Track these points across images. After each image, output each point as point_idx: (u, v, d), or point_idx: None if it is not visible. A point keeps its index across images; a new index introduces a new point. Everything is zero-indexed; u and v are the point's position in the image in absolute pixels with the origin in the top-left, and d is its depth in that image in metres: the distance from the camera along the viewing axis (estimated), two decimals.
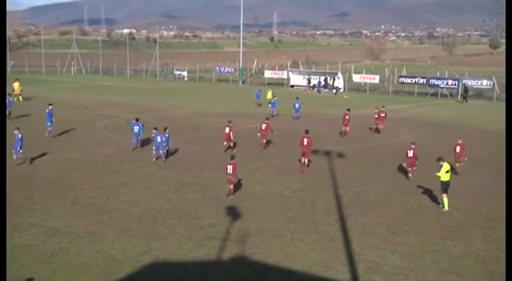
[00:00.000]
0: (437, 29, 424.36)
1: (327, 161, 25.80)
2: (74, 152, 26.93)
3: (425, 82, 61.46)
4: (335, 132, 33.87)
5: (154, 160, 24.98)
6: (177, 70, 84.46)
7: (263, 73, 77.70)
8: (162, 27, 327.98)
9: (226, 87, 70.99)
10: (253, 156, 26.79)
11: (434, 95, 60.68)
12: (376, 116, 33.87)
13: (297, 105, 39.05)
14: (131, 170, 23.37)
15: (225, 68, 79.67)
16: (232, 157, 20.04)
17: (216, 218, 17.29)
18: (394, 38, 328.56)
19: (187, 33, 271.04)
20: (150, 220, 16.97)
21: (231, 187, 19.64)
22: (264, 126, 28.68)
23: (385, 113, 34.20)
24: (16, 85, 47.59)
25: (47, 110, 30.43)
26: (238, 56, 79.35)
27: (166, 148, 25.26)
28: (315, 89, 66.08)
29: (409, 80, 63.37)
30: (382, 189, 21.08)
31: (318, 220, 17.38)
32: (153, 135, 25.39)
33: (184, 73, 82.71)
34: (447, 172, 18.56)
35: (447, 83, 59.81)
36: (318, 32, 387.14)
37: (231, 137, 27.45)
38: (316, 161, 25.79)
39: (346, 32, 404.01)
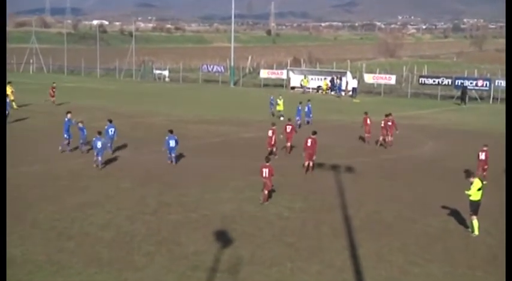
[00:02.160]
0: (465, 20, 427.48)
1: (334, 177, 25.88)
2: (33, 165, 26.90)
3: (450, 83, 61.91)
4: (342, 142, 34.03)
5: (95, 166, 26.56)
6: (156, 69, 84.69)
7: (258, 73, 78.02)
8: (139, 18, 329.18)
9: (215, 89, 71.16)
10: (248, 170, 26.82)
11: (461, 98, 61.00)
12: (382, 125, 33.40)
13: (306, 109, 39.52)
14: (102, 187, 23.35)
15: (213, 67, 79.95)
16: (268, 159, 21.89)
17: (202, 244, 17.29)
18: (413, 31, 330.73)
19: (168, 26, 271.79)
20: (124, 247, 16.96)
21: (266, 192, 21.32)
22: (288, 128, 30.52)
23: (393, 121, 33.41)
24: (8, 90, 47.14)
25: (66, 119, 30.49)
26: (229, 53, 79.62)
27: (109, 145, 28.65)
28: (320, 91, 66.36)
29: (431, 81, 63.89)
30: (399, 209, 21.15)
31: (323, 246, 17.40)
32: (94, 139, 26.94)
33: (166, 73, 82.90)
34: (479, 189, 18.63)
35: (476, 84, 60.29)
36: (323, 24, 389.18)
37: (274, 141, 29.40)
38: (321, 176, 25.88)
39: (356, 24, 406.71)
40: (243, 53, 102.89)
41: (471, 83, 60.40)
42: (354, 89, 63.87)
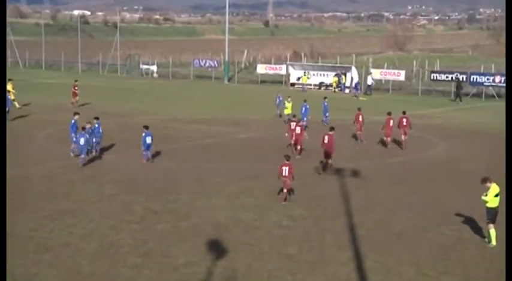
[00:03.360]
0: (481, 10, 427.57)
1: (338, 181, 25.92)
2: (11, 169, 26.81)
3: (465, 79, 61.92)
4: (347, 143, 34.06)
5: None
6: (144, 64, 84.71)
7: (255, 68, 78.04)
8: (124, 8, 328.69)
9: (207, 86, 71.21)
10: (244, 174, 26.88)
11: (477, 95, 61.15)
12: (390, 123, 33.59)
13: (303, 110, 39.21)
14: (83, 193, 23.36)
15: (206, 62, 80.00)
16: (288, 157, 22.98)
17: (193, 255, 17.31)
18: (424, 22, 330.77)
19: (156, 16, 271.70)
20: (108, 259, 16.96)
21: (285, 191, 22.36)
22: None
23: (407, 119, 33.95)
24: (9, 87, 47.10)
25: (73, 121, 30.34)
26: (223, 46, 79.64)
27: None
28: (333, 88, 65.42)
29: (444, 77, 63.95)
30: (409, 217, 21.20)
31: (327, 257, 17.43)
32: (78, 136, 28.43)
33: (154, 68, 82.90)
34: (496, 195, 18.65)
35: (494, 80, 60.35)
36: (325, 15, 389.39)
37: (302, 138, 30.27)
38: (323, 181, 25.92)
39: (362, 15, 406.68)
40: (239, 46, 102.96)
41: (488, 79, 60.49)
42: (368, 87, 63.73)
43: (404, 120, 33.73)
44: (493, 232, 18.62)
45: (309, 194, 23.87)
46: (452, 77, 62.62)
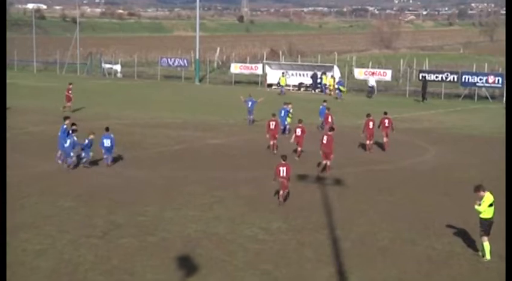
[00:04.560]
0: (472, 5, 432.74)
1: (320, 191, 26.01)
2: None
3: (456, 79, 62.61)
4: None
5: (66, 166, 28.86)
6: (106, 63, 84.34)
7: (229, 67, 78.12)
8: (84, 1, 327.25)
9: (176, 87, 71.13)
10: (217, 183, 26.85)
11: (469, 97, 61.81)
12: (370, 125, 34.12)
13: (282, 113, 38.43)
14: (39, 206, 23.18)
15: (174, 61, 79.93)
16: (285, 157, 24.05)
17: (162, 273, 17.25)
18: (412, 17, 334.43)
19: (120, 11, 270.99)
20: (66, 278, 16.84)
21: (282, 192, 23.54)
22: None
23: (389, 120, 34.77)
24: None
25: (64, 126, 29.99)
26: (193, 44, 79.66)
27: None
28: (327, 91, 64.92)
29: (433, 77, 64.47)
30: (397, 230, 21.31)
31: (307, 274, 17.46)
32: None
33: (117, 67, 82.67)
34: (490, 205, 18.73)
35: (487, 81, 60.99)
36: (305, 10, 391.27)
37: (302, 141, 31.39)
38: (304, 190, 25.98)
39: (345, 10, 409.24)
40: (211, 43, 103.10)
41: (480, 80, 61.09)
42: (370, 89, 63.30)
43: (386, 121, 34.41)
44: (487, 245, 18.72)
45: (287, 205, 23.90)
46: (442, 77, 63.21)
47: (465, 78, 61.98)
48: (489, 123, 46.49)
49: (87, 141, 29.06)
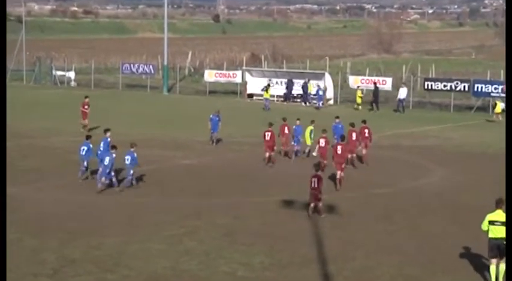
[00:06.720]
0: (486, 2, 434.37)
1: (309, 219, 26.01)
2: None
3: (467, 89, 62.38)
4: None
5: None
6: (57, 69, 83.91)
7: (202, 75, 78.02)
8: None
9: (141, 97, 70.90)
10: (190, 210, 26.81)
11: (482, 109, 61.64)
12: (353, 137, 35.04)
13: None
14: None
15: (139, 67, 79.60)
16: (317, 167, 26.96)
17: None
18: (416, 16, 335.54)
19: (74, 8, 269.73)
20: None
21: (312, 205, 25.78)
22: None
23: (369, 130, 36.15)
24: None
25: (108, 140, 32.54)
26: (160, 47, 79.51)
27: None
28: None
29: (441, 86, 64.28)
30: (398, 264, 21.34)
31: None
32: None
33: (71, 74, 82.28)
34: (492, 223, 18.95)
35: (503, 90, 60.75)
36: (291, 8, 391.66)
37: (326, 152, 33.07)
38: (290, 218, 26.00)
39: (338, 7, 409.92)
40: (181, 47, 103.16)
41: (495, 89, 60.62)
42: (400, 102, 61.73)
43: (366, 131, 35.49)
44: (491, 269, 18.93)
45: (271, 236, 23.86)
46: (451, 86, 62.70)
47: (478, 87, 61.47)
48: (504, 138, 46.65)
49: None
